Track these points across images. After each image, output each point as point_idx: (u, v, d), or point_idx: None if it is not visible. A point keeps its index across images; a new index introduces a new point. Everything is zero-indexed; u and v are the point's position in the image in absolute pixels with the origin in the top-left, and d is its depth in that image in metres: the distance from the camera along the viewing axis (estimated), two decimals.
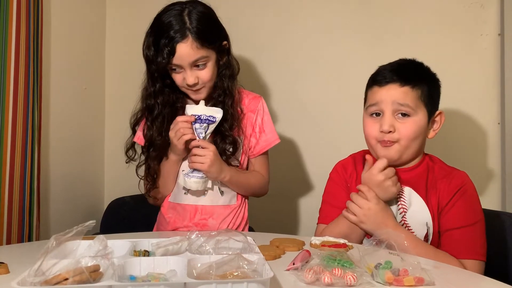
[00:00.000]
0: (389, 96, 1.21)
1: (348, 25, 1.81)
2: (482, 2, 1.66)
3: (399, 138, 1.21)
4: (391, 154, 1.22)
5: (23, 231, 1.52)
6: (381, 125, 1.21)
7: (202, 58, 1.32)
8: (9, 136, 1.49)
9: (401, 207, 1.23)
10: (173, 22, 1.31)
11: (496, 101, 1.64)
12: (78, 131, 1.92)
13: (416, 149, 1.24)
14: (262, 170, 1.47)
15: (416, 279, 0.86)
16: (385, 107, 1.22)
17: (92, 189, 2.03)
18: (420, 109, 1.22)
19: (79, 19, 1.93)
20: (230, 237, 1.01)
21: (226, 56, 1.40)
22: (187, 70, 1.33)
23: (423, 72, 1.28)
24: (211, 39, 1.33)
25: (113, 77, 2.08)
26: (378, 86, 1.24)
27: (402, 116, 1.21)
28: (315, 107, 1.84)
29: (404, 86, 1.21)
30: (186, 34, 1.29)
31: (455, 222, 1.18)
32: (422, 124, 1.22)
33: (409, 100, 1.20)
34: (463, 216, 1.18)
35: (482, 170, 1.66)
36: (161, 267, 0.88)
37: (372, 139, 1.25)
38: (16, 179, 1.51)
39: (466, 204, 1.19)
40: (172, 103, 1.42)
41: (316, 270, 0.87)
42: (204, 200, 1.41)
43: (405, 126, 1.21)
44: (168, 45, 1.29)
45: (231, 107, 1.39)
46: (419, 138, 1.23)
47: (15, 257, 1.04)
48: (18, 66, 1.50)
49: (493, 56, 1.64)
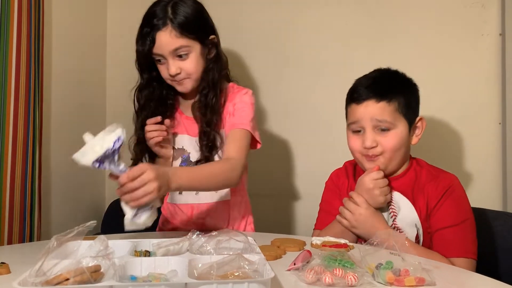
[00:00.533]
0: (367, 114, 1.25)
1: (348, 24, 1.80)
2: (483, 2, 1.65)
3: (383, 151, 1.25)
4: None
5: (24, 231, 1.53)
6: (364, 141, 1.26)
7: (183, 47, 1.32)
8: (10, 136, 1.49)
9: (392, 212, 1.27)
10: (156, 13, 1.32)
11: (497, 101, 1.64)
12: (80, 131, 1.90)
13: (400, 158, 1.28)
14: (232, 148, 1.32)
15: (417, 279, 0.86)
16: (365, 124, 1.26)
17: (93, 189, 2.03)
18: (399, 121, 1.25)
19: (80, 19, 1.93)
20: (231, 237, 1.01)
21: (215, 51, 1.40)
22: (169, 59, 1.33)
23: (398, 83, 1.30)
24: (192, 29, 1.33)
25: (114, 77, 2.08)
26: (355, 104, 1.28)
27: (383, 131, 1.24)
28: (315, 107, 1.84)
29: (380, 101, 1.24)
30: (166, 22, 1.31)
31: (444, 222, 1.21)
32: (403, 135, 1.25)
33: (386, 115, 1.24)
34: (451, 216, 1.21)
35: (483, 170, 1.66)
36: (162, 267, 0.89)
37: (357, 153, 1.30)
38: (17, 179, 1.51)
39: (454, 203, 1.22)
40: (160, 98, 1.42)
41: (317, 270, 0.87)
42: (198, 198, 1.41)
43: (386, 140, 1.25)
44: (149, 34, 1.32)
45: (211, 100, 1.37)
46: (402, 148, 1.26)
47: (16, 257, 1.04)
48: (19, 66, 1.50)
49: (494, 56, 1.64)
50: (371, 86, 1.28)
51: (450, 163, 1.68)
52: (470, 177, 1.67)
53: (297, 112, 1.87)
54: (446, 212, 1.21)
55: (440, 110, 1.68)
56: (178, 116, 1.47)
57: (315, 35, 1.84)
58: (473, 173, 1.67)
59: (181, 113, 1.47)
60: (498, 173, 1.64)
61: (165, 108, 1.43)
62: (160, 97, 1.42)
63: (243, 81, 1.75)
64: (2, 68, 1.45)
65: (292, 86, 1.88)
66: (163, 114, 1.41)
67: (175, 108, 1.47)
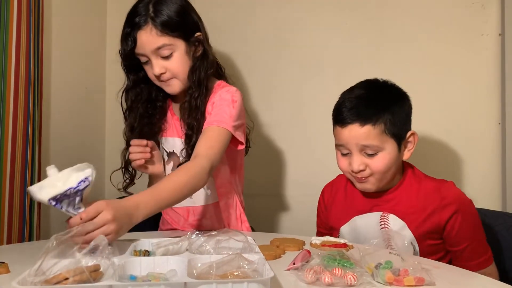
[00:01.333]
0: (352, 138, 1.20)
1: (348, 25, 1.80)
2: (482, 2, 1.65)
3: (372, 173, 1.22)
4: (368, 187, 1.25)
5: (23, 231, 1.52)
6: (351, 165, 1.22)
7: (165, 46, 1.28)
8: (9, 136, 1.49)
9: (383, 226, 1.24)
10: (138, 11, 1.29)
11: (496, 101, 1.64)
12: (79, 131, 1.92)
13: (392, 175, 1.24)
14: (203, 145, 1.23)
15: (417, 279, 0.86)
16: (351, 148, 1.22)
17: (92, 189, 2.03)
18: (386, 142, 1.20)
19: (80, 19, 1.92)
20: (230, 237, 1.01)
21: (202, 48, 1.34)
22: (152, 59, 1.29)
23: (385, 100, 1.22)
24: (174, 26, 1.28)
25: (113, 78, 2.07)
26: (340, 127, 1.23)
27: (370, 155, 1.20)
28: (316, 107, 1.84)
29: (365, 125, 1.18)
30: (146, 21, 1.27)
31: (461, 242, 1.20)
32: (392, 155, 1.21)
33: (371, 139, 1.19)
34: (470, 234, 1.20)
35: (483, 171, 1.66)
36: (161, 267, 0.89)
37: (346, 173, 1.28)
38: (17, 179, 1.51)
39: (466, 224, 1.20)
40: (148, 100, 1.38)
41: (317, 270, 0.87)
42: (192, 201, 1.39)
43: (374, 162, 1.20)
44: (131, 34, 1.28)
45: (196, 100, 1.31)
46: (393, 167, 1.23)
47: (15, 257, 1.04)
48: (18, 66, 1.50)
49: (494, 56, 1.64)
50: (354, 107, 1.21)
51: (449, 163, 1.68)
52: (469, 177, 1.67)
53: (297, 113, 1.87)
54: (461, 233, 1.19)
55: (439, 110, 1.68)
56: (170, 117, 1.43)
57: (314, 39, 1.84)
58: (472, 173, 1.67)
59: (173, 114, 1.43)
60: (497, 173, 1.64)
61: (154, 110, 1.39)
62: (148, 99, 1.38)
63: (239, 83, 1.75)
64: (1, 68, 1.45)
65: (294, 86, 1.87)
66: (152, 116, 1.38)
67: (166, 110, 1.43)
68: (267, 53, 1.89)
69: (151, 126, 1.38)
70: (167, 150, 1.42)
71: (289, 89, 1.88)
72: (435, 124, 1.67)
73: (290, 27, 1.87)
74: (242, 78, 1.88)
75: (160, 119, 1.40)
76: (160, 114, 1.41)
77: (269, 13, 1.89)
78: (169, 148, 1.41)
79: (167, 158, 1.41)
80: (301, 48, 1.86)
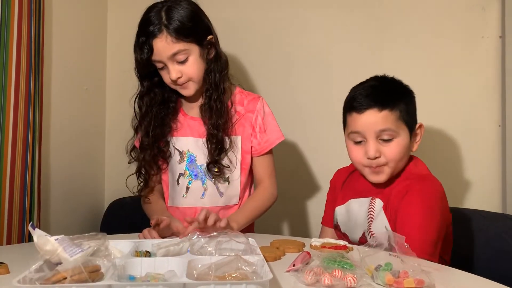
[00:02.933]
0: (370, 123, 1.22)
1: (349, 26, 1.81)
2: (483, 4, 1.65)
3: (387, 161, 1.22)
4: (382, 179, 1.25)
5: (23, 232, 1.52)
6: (367, 152, 1.22)
7: (181, 51, 1.32)
8: (10, 137, 1.49)
9: (370, 217, 1.24)
10: (151, 19, 1.32)
11: (496, 103, 1.64)
12: (79, 132, 1.92)
13: (402, 165, 1.26)
14: (266, 170, 1.46)
15: (416, 281, 0.86)
16: (368, 134, 1.22)
17: (92, 189, 2.03)
18: (401, 129, 1.23)
19: (81, 20, 1.93)
20: (231, 239, 1.01)
21: (214, 51, 1.39)
22: (169, 65, 1.33)
23: (398, 90, 1.27)
24: (188, 32, 1.32)
25: (114, 78, 2.08)
26: (356, 113, 1.24)
27: (385, 141, 1.22)
28: (320, 108, 1.84)
29: (383, 110, 1.21)
30: (161, 29, 1.31)
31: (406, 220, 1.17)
32: (405, 143, 1.23)
33: (390, 123, 1.21)
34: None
35: (483, 172, 1.66)
36: (162, 267, 0.89)
37: (358, 164, 1.27)
38: (17, 180, 1.51)
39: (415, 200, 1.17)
40: (162, 102, 1.42)
41: (316, 272, 0.87)
42: (203, 201, 1.41)
43: (390, 149, 1.22)
44: (146, 42, 1.32)
45: (215, 102, 1.37)
46: (405, 156, 1.25)
47: (15, 257, 1.04)
48: (19, 66, 1.50)
49: (494, 58, 1.64)
50: (371, 94, 1.24)
51: (449, 165, 1.68)
52: (469, 179, 1.67)
53: (301, 114, 1.87)
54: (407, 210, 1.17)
55: (440, 112, 1.67)
56: (182, 117, 1.46)
57: (316, 36, 1.84)
58: (472, 175, 1.67)
59: (184, 114, 1.46)
60: (497, 175, 1.64)
61: (167, 110, 1.43)
62: (161, 101, 1.42)
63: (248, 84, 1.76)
64: (2, 68, 1.45)
65: (297, 86, 1.88)
66: (165, 117, 1.42)
67: (178, 110, 1.46)
68: (269, 54, 1.90)
69: (163, 128, 1.42)
70: (179, 150, 1.44)
71: (292, 90, 1.88)
72: (435, 125, 1.67)
73: (292, 28, 1.87)
74: (245, 78, 1.89)
75: (172, 119, 1.44)
76: (172, 114, 1.44)
77: (272, 13, 1.89)
78: (181, 148, 1.44)
79: (179, 157, 1.44)
80: (305, 49, 1.86)
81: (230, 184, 1.42)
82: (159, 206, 1.43)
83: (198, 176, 1.42)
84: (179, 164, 1.44)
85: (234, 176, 1.42)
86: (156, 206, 1.43)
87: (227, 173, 1.41)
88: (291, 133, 1.83)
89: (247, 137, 1.43)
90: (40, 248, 0.88)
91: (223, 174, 1.41)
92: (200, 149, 1.41)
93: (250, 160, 1.45)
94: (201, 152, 1.41)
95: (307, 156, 1.88)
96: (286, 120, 1.85)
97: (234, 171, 1.42)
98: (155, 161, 1.43)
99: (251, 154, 1.45)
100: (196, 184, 1.42)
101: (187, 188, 1.43)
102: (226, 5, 1.92)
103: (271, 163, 1.48)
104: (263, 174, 1.46)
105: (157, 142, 1.42)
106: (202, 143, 1.41)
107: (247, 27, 1.90)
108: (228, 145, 1.39)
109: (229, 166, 1.40)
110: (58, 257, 0.86)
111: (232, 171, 1.42)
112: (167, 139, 1.43)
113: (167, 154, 1.43)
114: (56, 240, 0.87)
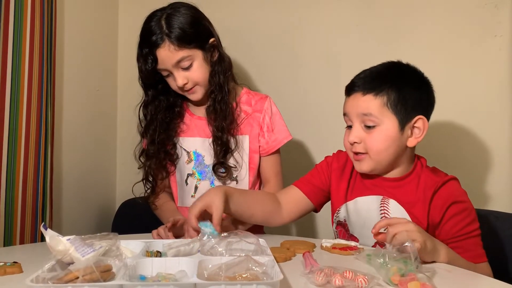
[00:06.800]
0: (354, 107, 1.18)
1: (357, 24, 1.80)
2: (496, 2, 1.63)
3: (367, 150, 1.17)
4: (363, 168, 1.20)
5: (36, 231, 1.54)
6: (349, 136, 1.19)
7: (184, 58, 1.33)
8: (22, 137, 1.50)
9: (384, 215, 1.18)
10: (152, 29, 1.33)
11: (509, 102, 1.62)
12: (91, 132, 1.94)
13: (391, 159, 1.18)
14: (273, 170, 1.47)
15: (423, 285, 0.84)
16: (352, 118, 1.19)
17: (104, 189, 2.05)
18: (386, 117, 1.15)
19: (92, 21, 1.94)
20: (241, 239, 1.01)
21: (217, 53, 1.40)
22: (174, 72, 1.34)
23: (397, 76, 1.20)
24: (189, 38, 1.33)
25: (125, 79, 2.09)
26: (346, 96, 1.23)
27: (368, 128, 1.17)
28: (328, 107, 1.83)
29: (367, 94, 1.16)
30: (163, 38, 1.31)
31: (454, 234, 1.13)
32: (390, 133, 1.15)
33: (371, 109, 1.15)
34: (461, 230, 1.13)
35: (493, 172, 1.64)
36: (172, 267, 0.89)
37: (348, 150, 1.24)
38: (30, 180, 1.52)
39: (462, 216, 1.13)
40: (167, 108, 1.43)
41: (327, 273, 0.87)
42: None
43: (370, 137, 1.16)
44: (150, 53, 1.33)
45: (220, 103, 1.38)
46: (391, 149, 1.16)
47: (28, 257, 1.05)
48: (32, 67, 1.52)
49: (508, 57, 1.62)
50: (362, 78, 1.21)
51: (460, 164, 1.66)
52: (481, 178, 1.65)
53: (306, 113, 1.87)
54: (455, 226, 1.13)
55: (452, 110, 1.66)
56: (188, 118, 1.47)
57: (324, 35, 1.84)
58: (484, 174, 1.65)
59: (191, 114, 1.47)
60: (509, 175, 1.62)
61: (172, 115, 1.44)
62: (167, 107, 1.44)
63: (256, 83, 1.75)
64: (15, 70, 1.47)
65: (302, 85, 1.87)
66: (171, 122, 1.43)
67: (184, 112, 1.47)
68: (273, 54, 1.89)
69: (169, 132, 1.44)
70: (187, 150, 1.45)
71: (300, 89, 1.87)
72: (446, 124, 1.66)
73: (300, 27, 1.87)
74: (253, 78, 1.89)
75: (178, 122, 1.45)
76: (178, 117, 1.46)
77: (279, 13, 1.89)
78: (189, 148, 1.45)
79: (187, 157, 1.45)
80: (314, 48, 1.85)
81: (238, 184, 1.43)
82: (171, 207, 1.44)
83: (207, 176, 1.43)
84: (187, 165, 1.45)
85: (242, 175, 1.43)
86: (168, 206, 1.43)
87: (235, 173, 1.42)
88: (299, 133, 1.83)
89: (255, 136, 1.44)
90: (53, 248, 0.89)
91: (230, 174, 1.41)
92: (207, 149, 1.43)
93: (258, 160, 1.46)
94: (208, 152, 1.43)
95: (315, 155, 1.87)
96: (294, 120, 1.85)
97: (241, 170, 1.43)
98: (162, 165, 1.44)
99: (259, 154, 1.45)
100: (204, 184, 1.43)
101: (196, 188, 1.43)
102: (234, 6, 1.92)
103: (278, 162, 1.48)
104: (269, 174, 1.46)
105: (164, 147, 1.43)
106: (209, 144, 1.42)
107: (255, 28, 1.90)
108: (234, 145, 1.40)
109: (235, 166, 1.41)
110: (70, 257, 0.87)
111: (239, 170, 1.43)
112: (174, 141, 1.45)
113: (174, 157, 1.45)
114: (68, 240, 0.88)
